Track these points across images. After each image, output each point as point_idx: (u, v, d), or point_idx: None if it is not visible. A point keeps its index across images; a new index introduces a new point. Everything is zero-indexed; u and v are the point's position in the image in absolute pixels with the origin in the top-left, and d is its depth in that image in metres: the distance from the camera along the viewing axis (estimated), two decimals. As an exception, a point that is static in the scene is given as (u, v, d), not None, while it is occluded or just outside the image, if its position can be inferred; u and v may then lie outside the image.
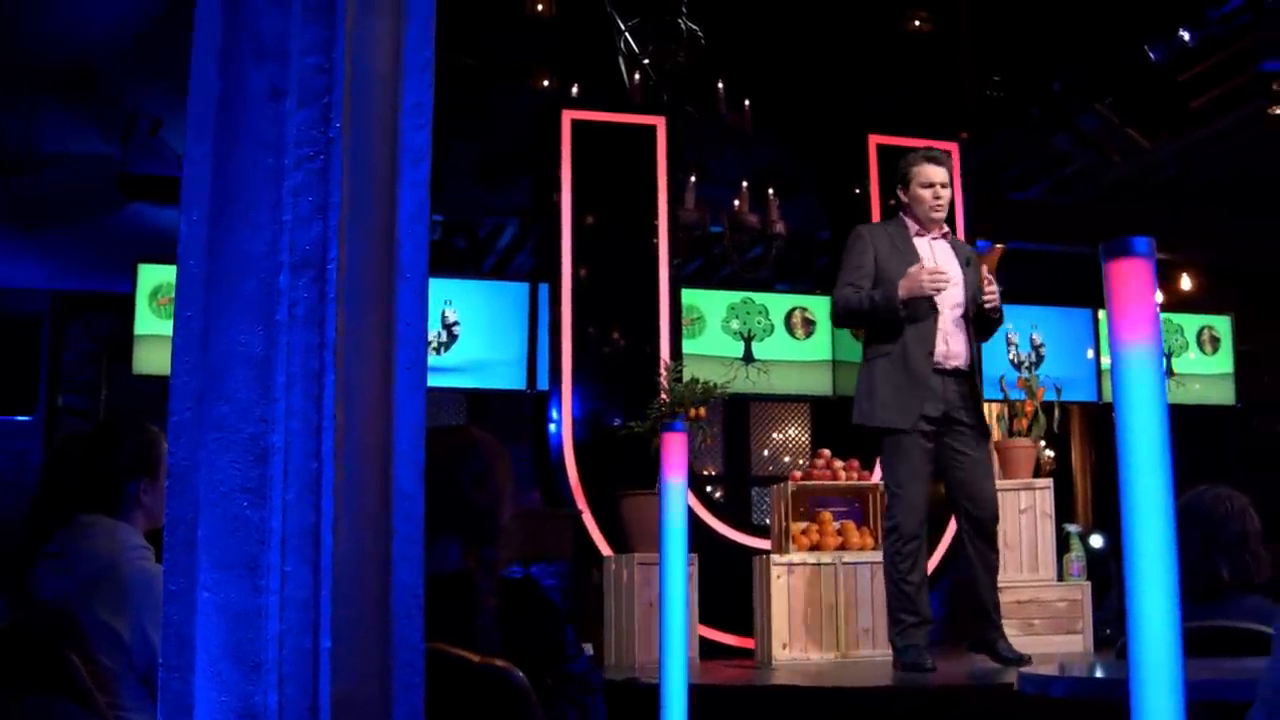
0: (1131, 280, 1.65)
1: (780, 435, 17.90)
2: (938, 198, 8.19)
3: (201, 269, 2.59)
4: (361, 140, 2.67)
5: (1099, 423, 18.30)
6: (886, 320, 7.94)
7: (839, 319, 8.37)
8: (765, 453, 17.87)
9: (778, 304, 12.99)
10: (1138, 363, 1.68)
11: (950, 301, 8.03)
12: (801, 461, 15.78)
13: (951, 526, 9.81)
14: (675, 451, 2.95)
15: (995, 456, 9.54)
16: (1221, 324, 15.70)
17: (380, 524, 2.62)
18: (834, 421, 13.08)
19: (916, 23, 14.04)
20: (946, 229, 8.37)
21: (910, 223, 8.26)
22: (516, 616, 3.44)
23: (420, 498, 2.67)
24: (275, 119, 2.61)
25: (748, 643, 10.17)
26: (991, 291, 8.02)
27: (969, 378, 8.10)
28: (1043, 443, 10.83)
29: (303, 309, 2.55)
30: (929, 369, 7.90)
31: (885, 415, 7.93)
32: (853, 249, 8.22)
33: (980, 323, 8.21)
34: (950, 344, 8.01)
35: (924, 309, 7.93)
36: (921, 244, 8.20)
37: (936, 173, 8.21)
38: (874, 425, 7.99)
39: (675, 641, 3.07)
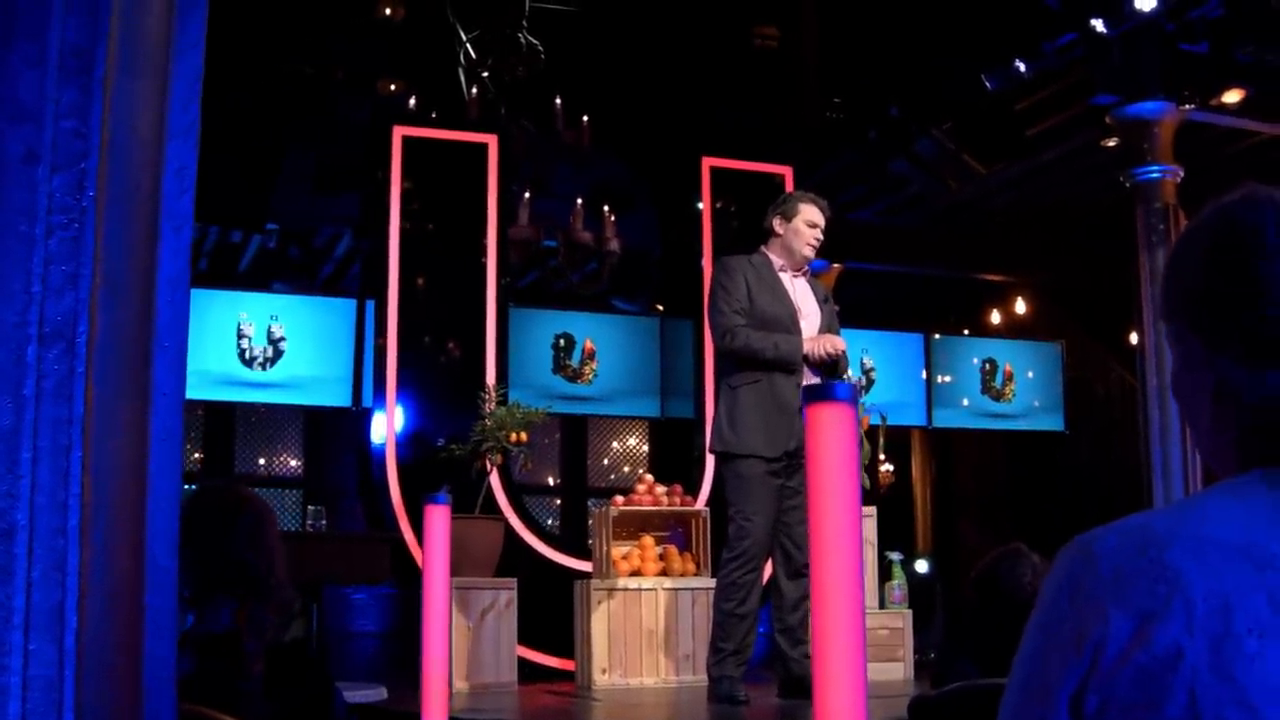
0: (831, 425, 1.64)
1: (620, 445, 17.90)
2: (817, 239, 8.34)
3: (-46, 336, 2.51)
4: (119, 207, 2.60)
5: (940, 444, 18.49)
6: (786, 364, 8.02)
7: (733, 352, 8.24)
8: (605, 461, 17.86)
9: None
10: (837, 507, 1.67)
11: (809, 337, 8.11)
12: (641, 470, 15.79)
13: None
14: (437, 528, 2.87)
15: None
16: (1052, 350, 15.94)
17: (131, 599, 2.56)
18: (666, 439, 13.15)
19: (763, 40, 14.11)
20: (806, 269, 8.45)
21: (775, 258, 8.34)
22: (284, 680, 3.39)
23: (174, 570, 2.62)
24: (30, 185, 2.53)
25: (569, 664, 10.14)
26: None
27: None
28: (886, 466, 10.88)
29: (51, 382, 2.48)
30: (797, 401, 7.96)
31: (751, 443, 7.94)
32: (726, 280, 8.24)
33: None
34: (810, 380, 8.08)
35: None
36: (786, 279, 8.32)
37: (820, 216, 8.38)
38: (738, 453, 7.99)
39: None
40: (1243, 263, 1.70)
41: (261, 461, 16.80)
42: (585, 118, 11.98)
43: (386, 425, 10.85)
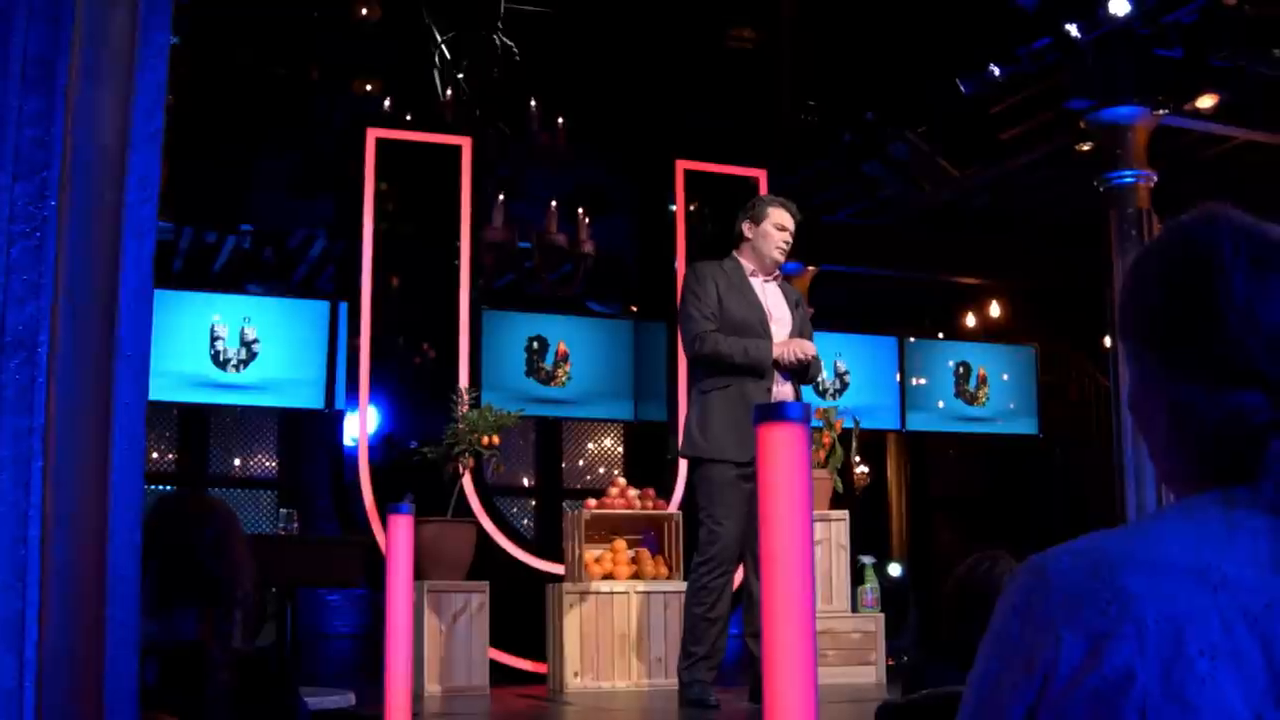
0: (783, 446, 1.63)
1: (595, 446, 17.89)
2: (786, 242, 8.31)
3: (-85, 345, 2.51)
4: (81, 216, 2.59)
5: (915, 447, 18.52)
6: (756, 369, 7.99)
7: (702, 358, 8.22)
8: (581, 462, 17.85)
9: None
10: (787, 527, 1.66)
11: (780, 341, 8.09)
12: (616, 472, 15.79)
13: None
14: (400, 538, 2.86)
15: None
16: (1025, 354, 15.98)
17: (93, 609, 2.55)
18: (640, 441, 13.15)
19: (739, 41, 14.14)
20: (778, 272, 8.44)
21: (746, 262, 8.31)
22: (249, 690, 3.37)
23: (135, 580, 2.60)
24: (-9, 193, 2.53)
25: (542, 668, 10.13)
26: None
27: None
28: (862, 467, 10.90)
29: (13, 391, 2.47)
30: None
31: (720, 449, 7.91)
32: (695, 285, 8.21)
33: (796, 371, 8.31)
34: (781, 385, 8.07)
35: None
36: (757, 284, 8.29)
37: (789, 219, 8.35)
38: (708, 458, 7.98)
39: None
40: (1200, 282, 1.70)
41: (236, 463, 16.79)
42: (560, 120, 11.98)
43: (359, 427, 10.84)
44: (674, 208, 12.14)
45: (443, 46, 12.46)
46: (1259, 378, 1.66)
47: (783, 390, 8.09)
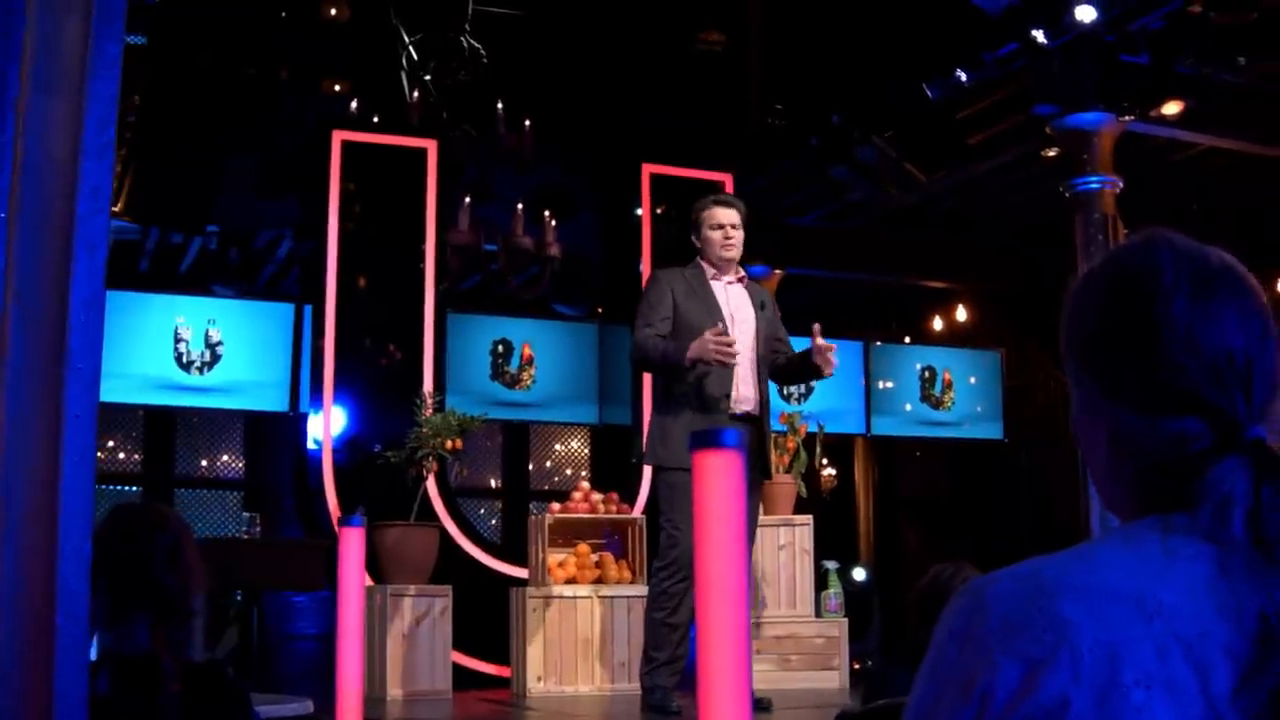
0: (719, 473, 1.63)
1: (563, 447, 17.86)
2: (728, 238, 8.24)
3: None
4: (32, 227, 2.59)
5: (882, 451, 18.52)
6: (677, 371, 7.93)
7: (636, 362, 8.30)
8: (548, 464, 17.82)
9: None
10: (722, 552, 1.66)
11: (742, 346, 8.01)
12: (583, 474, 15.78)
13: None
14: (352, 550, 2.85)
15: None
16: (991, 358, 16.00)
17: (43, 622, 2.55)
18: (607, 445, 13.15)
19: (707, 45, 14.14)
20: (743, 273, 8.43)
21: (707, 266, 8.28)
22: (201, 701, 3.37)
23: (85, 593, 2.60)
24: (-57, 203, 2.52)
25: (505, 671, 10.13)
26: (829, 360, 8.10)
27: (757, 421, 8.14)
28: (829, 470, 10.90)
29: (-37, 403, 2.47)
30: (726, 413, 7.90)
31: (680, 456, 7.81)
32: (650, 292, 8.21)
33: (791, 372, 8.32)
34: (741, 389, 8.04)
35: None
36: (718, 288, 8.25)
37: (726, 214, 8.28)
38: (668, 466, 7.94)
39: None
40: (1139, 307, 1.70)
41: (203, 464, 16.72)
42: (527, 123, 11.97)
43: (323, 430, 10.81)
44: (640, 211, 12.15)
45: (410, 48, 12.44)
46: (1199, 404, 1.66)
47: (744, 395, 8.06)
